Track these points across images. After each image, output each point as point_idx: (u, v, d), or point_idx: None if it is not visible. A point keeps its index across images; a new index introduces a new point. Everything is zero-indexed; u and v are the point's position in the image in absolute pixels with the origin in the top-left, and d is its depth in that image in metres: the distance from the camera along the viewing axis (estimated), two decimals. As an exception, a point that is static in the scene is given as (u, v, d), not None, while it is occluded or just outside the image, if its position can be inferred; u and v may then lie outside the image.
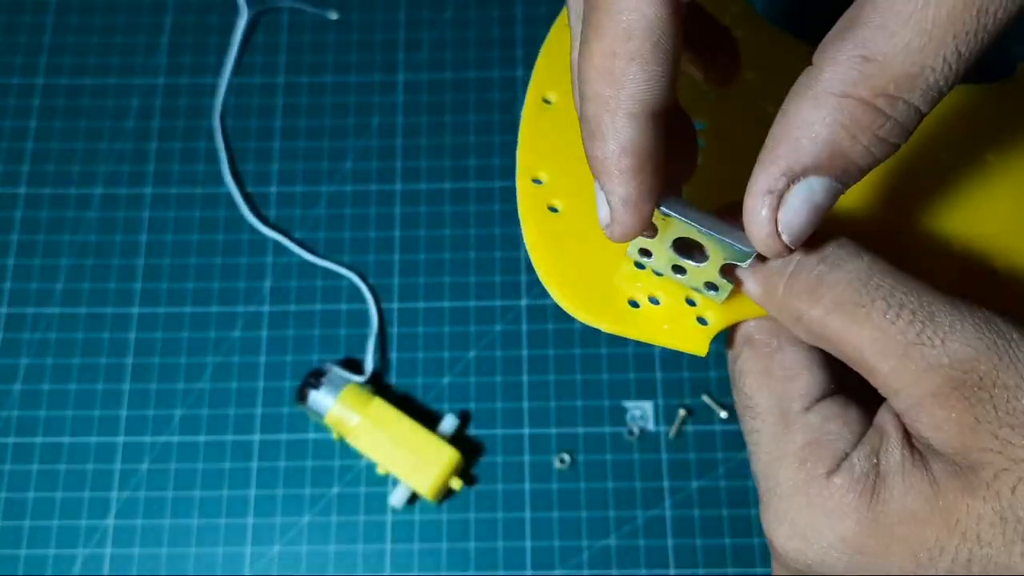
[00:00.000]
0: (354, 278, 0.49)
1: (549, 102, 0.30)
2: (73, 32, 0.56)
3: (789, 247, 0.21)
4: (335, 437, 0.46)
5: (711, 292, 0.25)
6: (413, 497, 0.45)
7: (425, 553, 0.45)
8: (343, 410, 0.44)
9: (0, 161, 0.53)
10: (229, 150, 0.53)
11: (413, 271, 0.50)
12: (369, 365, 0.47)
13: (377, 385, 0.47)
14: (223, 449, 0.47)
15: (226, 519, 0.45)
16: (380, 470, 0.45)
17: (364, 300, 0.49)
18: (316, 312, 0.49)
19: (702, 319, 0.26)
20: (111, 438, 0.47)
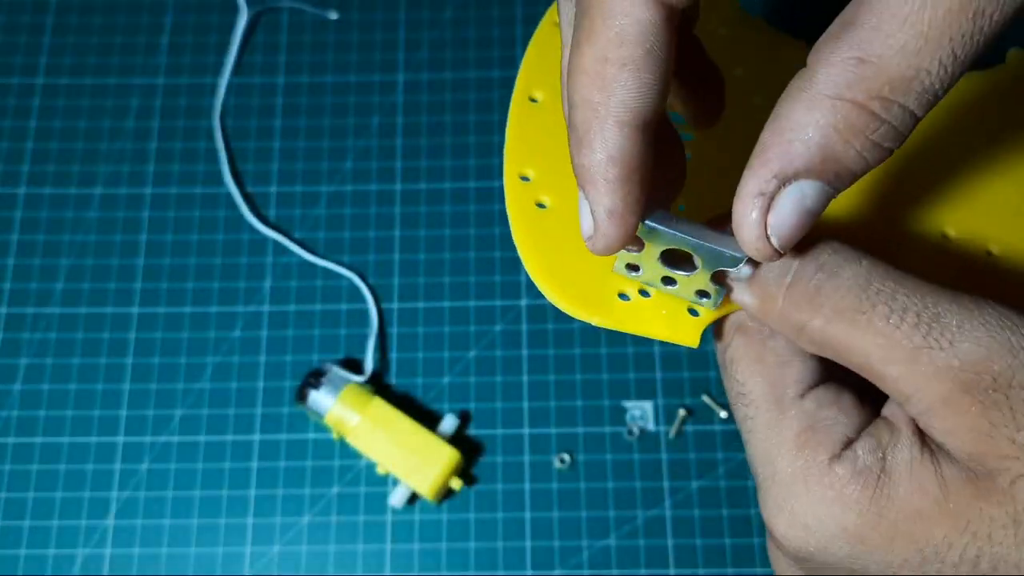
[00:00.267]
0: (354, 278, 0.49)
1: (536, 100, 0.30)
2: (73, 32, 0.56)
3: (779, 251, 0.21)
4: (335, 437, 0.46)
5: (704, 300, 0.25)
6: (413, 497, 0.45)
7: (425, 553, 0.45)
8: (343, 410, 0.44)
9: (0, 161, 0.53)
10: (229, 150, 0.53)
11: (413, 271, 0.50)
12: (369, 365, 0.47)
13: (377, 385, 0.47)
14: (223, 449, 0.47)
15: (226, 519, 0.45)
16: (380, 470, 0.45)
17: (364, 300, 0.49)
18: (316, 312, 0.49)
19: (693, 310, 0.26)
20: (111, 438, 0.47)
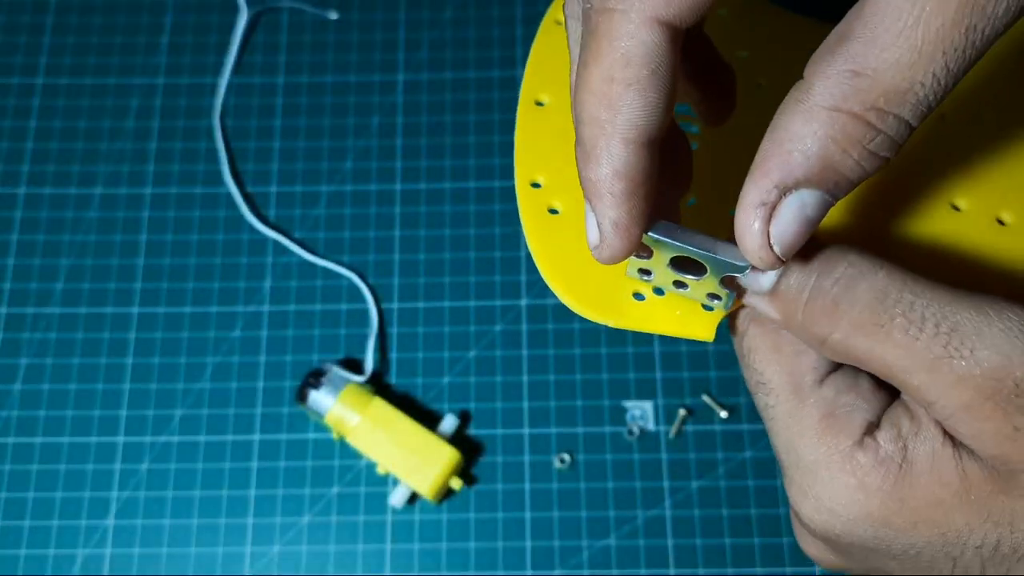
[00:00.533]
0: (354, 278, 0.49)
1: (542, 104, 0.30)
2: (73, 32, 0.56)
3: (781, 259, 0.21)
4: (335, 437, 0.46)
5: (715, 302, 0.26)
6: (413, 497, 0.45)
7: (425, 553, 0.45)
8: (343, 410, 0.44)
9: (0, 161, 0.53)
10: (229, 150, 0.53)
11: (413, 271, 0.50)
12: (369, 365, 0.47)
13: (377, 385, 0.47)
14: (223, 449, 0.47)
15: (226, 519, 0.45)
16: (380, 470, 0.45)
17: (364, 300, 0.49)
18: (316, 312, 0.49)
19: (707, 305, 0.26)
20: (111, 438, 0.47)
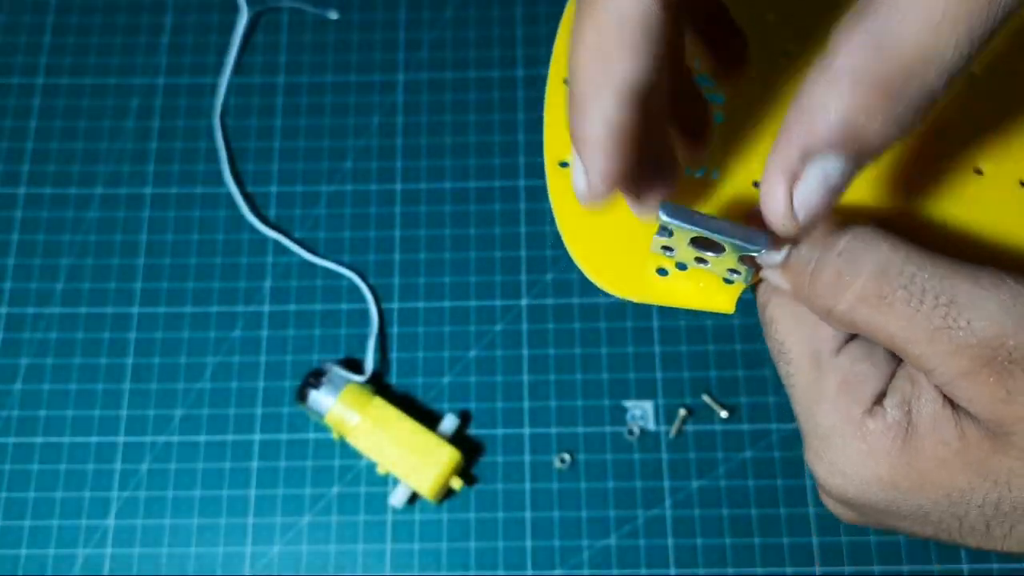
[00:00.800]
0: (354, 278, 0.49)
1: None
2: (73, 32, 0.56)
3: (804, 227, 0.22)
4: (335, 437, 0.46)
5: (736, 276, 0.27)
6: (413, 497, 0.45)
7: (425, 553, 0.45)
8: (343, 410, 0.44)
9: (0, 161, 0.53)
10: (229, 150, 0.53)
11: (413, 271, 0.50)
12: (369, 365, 0.47)
13: (377, 385, 0.47)
14: (223, 449, 0.47)
15: (226, 519, 0.45)
16: (380, 470, 0.45)
17: (364, 300, 0.49)
18: (316, 312, 0.49)
19: (728, 279, 0.27)
20: (111, 438, 0.47)
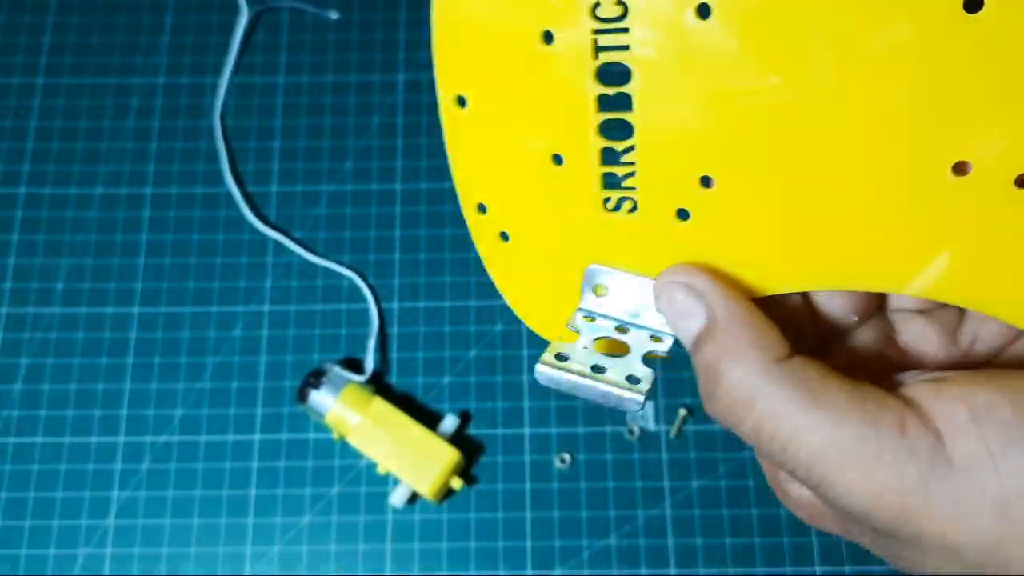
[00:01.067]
0: (354, 278, 0.49)
1: (464, 103, 0.24)
2: (73, 32, 0.56)
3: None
4: (335, 437, 0.46)
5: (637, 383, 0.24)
6: (413, 497, 0.45)
7: (425, 553, 0.45)
8: (343, 410, 0.44)
9: (0, 161, 0.53)
10: (229, 150, 0.53)
11: (414, 271, 0.50)
12: (369, 365, 0.47)
13: (377, 385, 0.47)
14: (223, 449, 0.47)
15: (226, 519, 0.45)
16: (380, 470, 0.45)
17: (364, 300, 0.49)
18: (316, 312, 0.49)
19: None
20: (111, 438, 0.47)
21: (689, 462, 0.46)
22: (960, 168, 0.19)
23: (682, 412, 0.46)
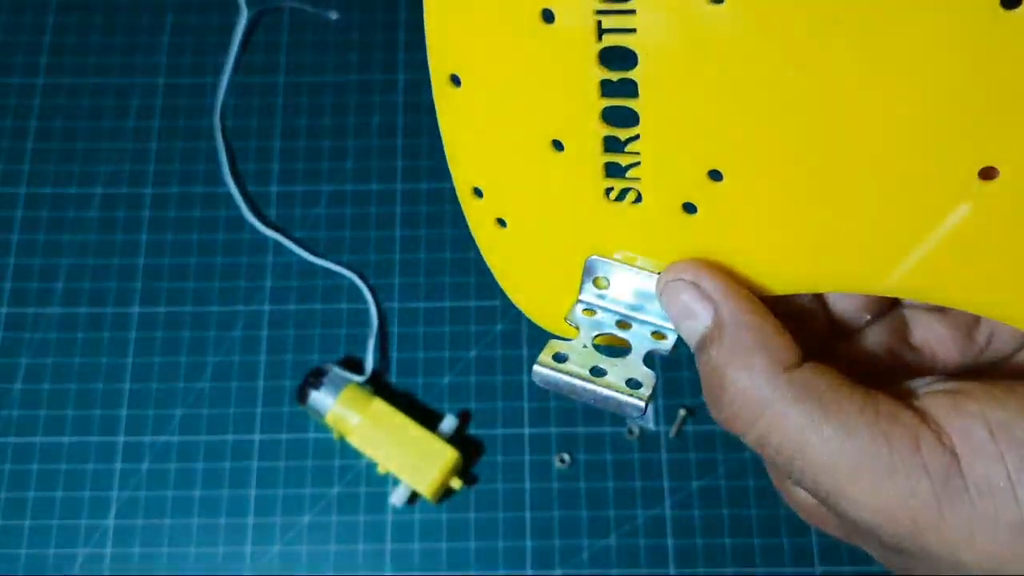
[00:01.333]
0: (354, 278, 0.49)
1: (458, 82, 0.23)
2: (73, 32, 0.56)
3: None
4: (335, 437, 0.46)
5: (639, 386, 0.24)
6: (413, 497, 0.45)
7: (425, 553, 0.45)
8: (343, 410, 0.44)
9: (1, 160, 0.53)
10: (229, 149, 0.53)
11: (414, 271, 0.50)
12: (369, 365, 0.47)
13: (377, 385, 0.47)
14: (223, 448, 0.47)
15: (226, 519, 0.45)
16: (380, 470, 0.45)
17: (364, 300, 0.49)
18: (316, 311, 0.49)
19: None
20: (111, 438, 0.47)
21: (689, 462, 0.46)
22: (987, 173, 0.18)
23: (682, 412, 0.46)
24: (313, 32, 0.56)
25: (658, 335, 0.23)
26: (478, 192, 0.25)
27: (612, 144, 0.21)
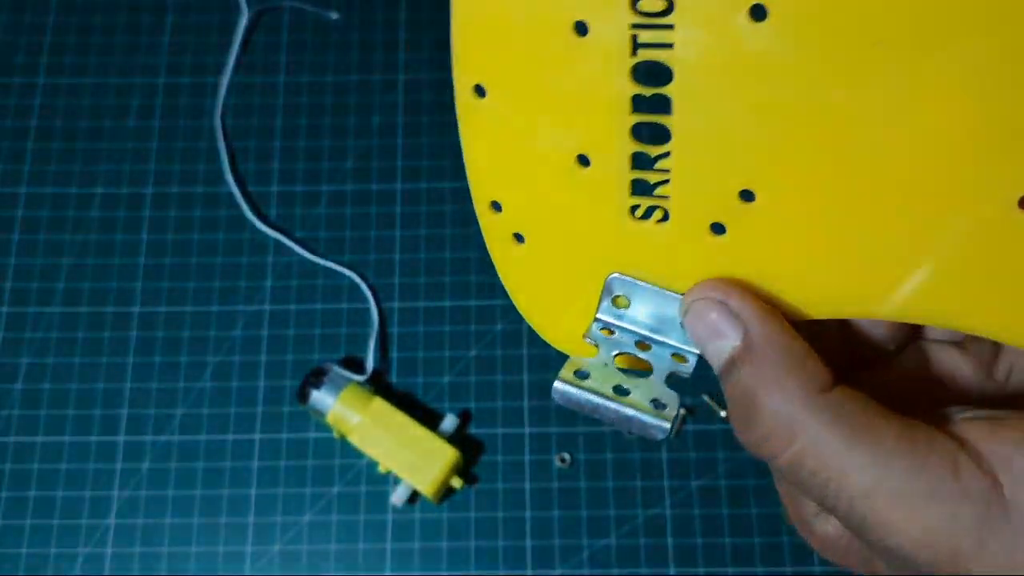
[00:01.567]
0: (355, 277, 0.49)
1: (483, 92, 0.22)
2: (74, 32, 0.56)
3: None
4: (336, 436, 0.46)
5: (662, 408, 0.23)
6: (414, 496, 0.45)
7: (426, 552, 0.45)
8: (344, 409, 0.44)
9: (1, 160, 0.53)
10: (230, 149, 0.53)
11: (414, 270, 0.50)
12: (370, 364, 0.47)
13: (378, 384, 0.47)
14: (224, 448, 0.47)
15: (227, 518, 0.45)
16: (381, 469, 0.45)
17: (365, 299, 0.49)
18: (317, 311, 0.49)
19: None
20: (112, 437, 0.47)
21: (689, 462, 0.46)
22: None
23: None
24: (313, 32, 0.56)
25: (679, 357, 0.23)
26: (496, 206, 0.24)
27: (640, 161, 0.21)
